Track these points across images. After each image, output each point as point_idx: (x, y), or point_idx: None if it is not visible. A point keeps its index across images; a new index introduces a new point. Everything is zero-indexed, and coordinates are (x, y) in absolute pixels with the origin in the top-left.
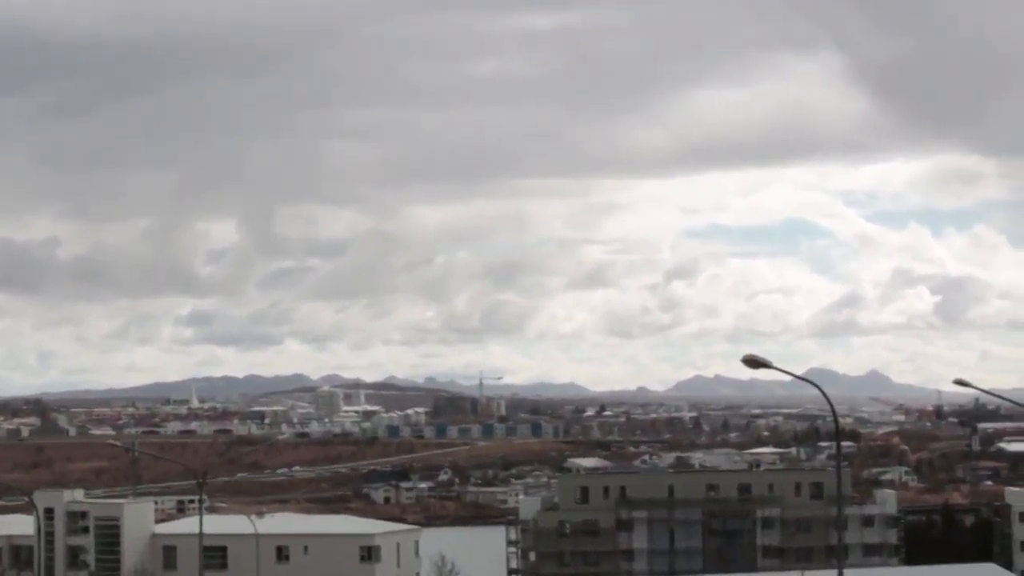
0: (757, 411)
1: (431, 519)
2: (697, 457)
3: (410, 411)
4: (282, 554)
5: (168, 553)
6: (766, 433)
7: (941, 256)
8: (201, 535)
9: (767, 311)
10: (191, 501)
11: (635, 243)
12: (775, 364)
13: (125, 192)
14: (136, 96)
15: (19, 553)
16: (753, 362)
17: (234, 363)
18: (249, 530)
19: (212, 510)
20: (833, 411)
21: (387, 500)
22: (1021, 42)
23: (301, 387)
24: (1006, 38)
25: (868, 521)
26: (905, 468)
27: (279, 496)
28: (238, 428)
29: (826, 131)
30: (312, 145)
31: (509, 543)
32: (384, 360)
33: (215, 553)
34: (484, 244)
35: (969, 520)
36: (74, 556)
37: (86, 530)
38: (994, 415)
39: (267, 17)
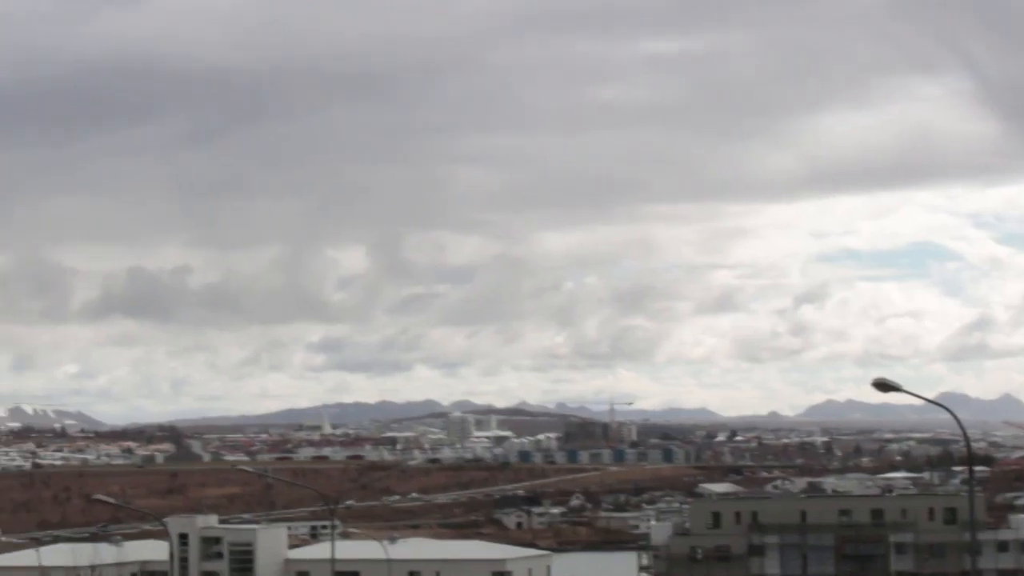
0: (889, 436)
1: (563, 544)
2: (829, 482)
3: (541, 436)
4: None
5: None
6: (898, 458)
7: None
8: (333, 560)
9: (897, 335)
10: (324, 526)
11: (763, 267)
12: (906, 388)
13: (255, 219)
14: (265, 124)
15: None
16: (883, 386)
17: (365, 389)
18: (381, 555)
19: (344, 535)
20: (965, 435)
21: (519, 525)
22: None
23: (432, 413)
24: None
25: (1003, 547)
26: None
27: (411, 521)
28: (370, 454)
29: (954, 153)
30: (440, 171)
31: (641, 568)
32: (514, 385)
33: None
34: (612, 269)
35: None
36: None
37: (220, 555)
38: None
39: (394, 44)
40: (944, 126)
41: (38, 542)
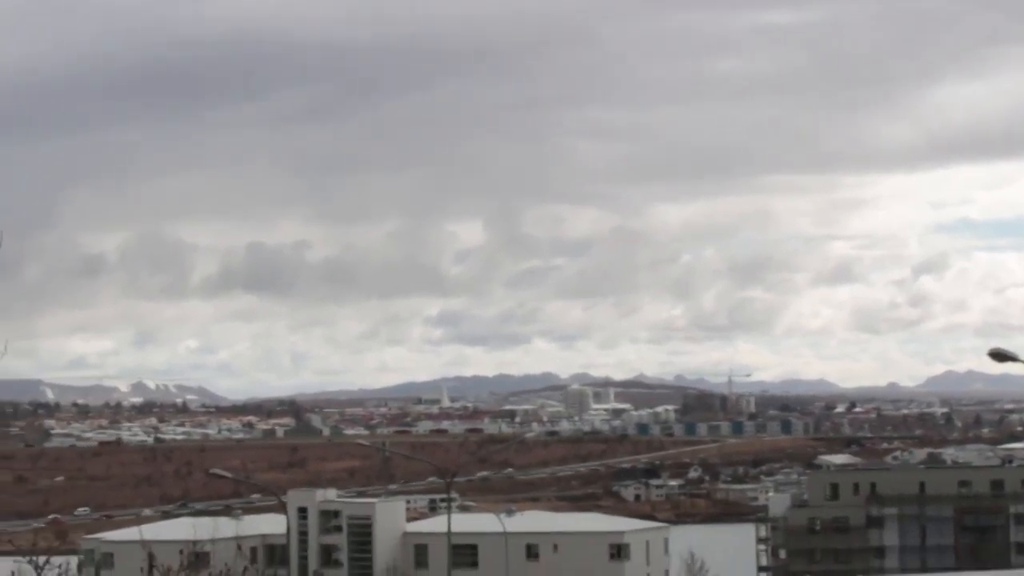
0: (1010, 406)
1: (681, 516)
2: (949, 453)
3: (659, 409)
4: (532, 552)
5: (419, 551)
6: (1020, 428)
7: None
8: (449, 533)
9: (1017, 305)
10: (442, 500)
11: (881, 238)
12: (1023, 358)
13: (373, 194)
14: (382, 98)
15: (274, 552)
16: (1000, 355)
17: (483, 362)
18: (499, 528)
19: (463, 508)
20: None
21: (637, 498)
22: None
23: (550, 386)
24: None
25: None
26: None
27: (530, 494)
28: (488, 427)
29: None
30: (556, 144)
31: (759, 540)
32: (632, 358)
33: (465, 551)
34: (729, 241)
35: None
36: (328, 555)
37: (339, 529)
38: None
39: (510, 17)
40: None
41: (167, 515)
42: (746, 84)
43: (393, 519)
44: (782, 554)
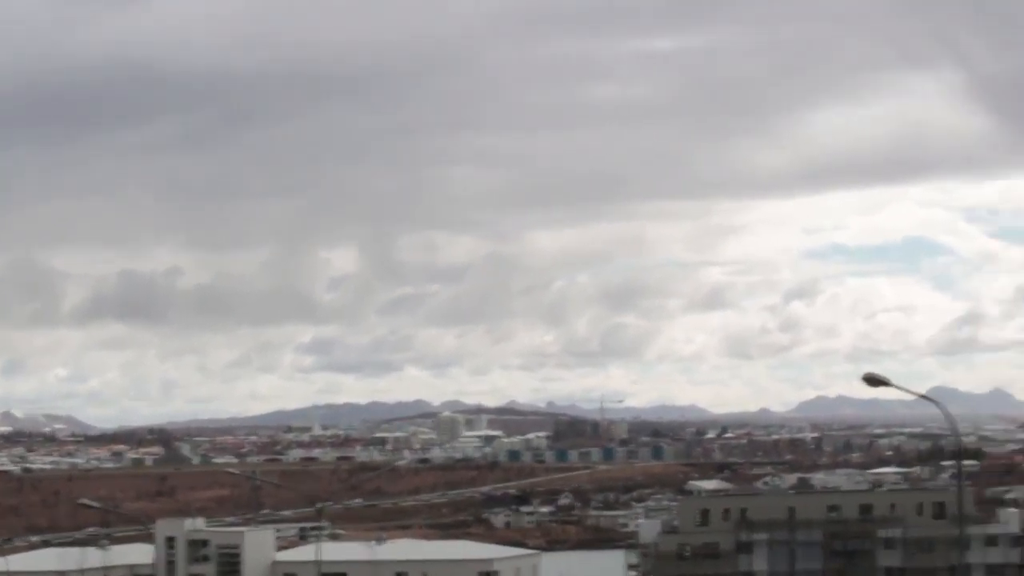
0: (880, 431)
1: (552, 543)
2: (819, 478)
3: (531, 435)
4: None
5: None
6: (889, 453)
7: None
8: (319, 562)
9: (888, 330)
10: (313, 528)
11: (754, 264)
12: (895, 383)
13: (247, 221)
14: (257, 125)
15: None
16: (873, 380)
17: (356, 390)
18: (369, 557)
19: (333, 537)
20: (955, 430)
21: (508, 525)
22: None
23: (422, 413)
24: None
25: (991, 541)
26: None
27: (400, 522)
28: (360, 454)
29: (946, 148)
30: (432, 171)
31: (629, 567)
32: (504, 385)
33: None
34: (603, 267)
35: None
36: None
37: (207, 558)
38: None
39: (386, 45)
40: (937, 121)
41: (30, 546)
42: (623, 111)
43: (262, 548)
44: None
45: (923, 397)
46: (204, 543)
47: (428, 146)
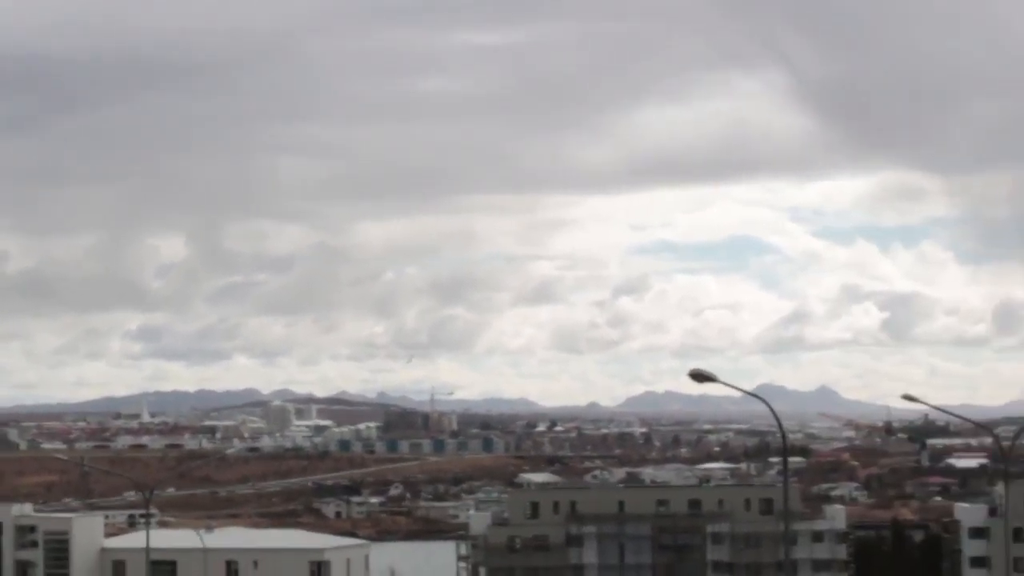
0: (708, 427)
1: (382, 534)
2: (648, 472)
3: (361, 426)
4: (231, 568)
5: (117, 567)
6: (717, 449)
7: (888, 272)
8: (148, 549)
9: (715, 327)
10: (142, 515)
11: (583, 259)
12: (721, 379)
13: (74, 206)
14: (84, 110)
15: None
16: (700, 376)
17: (184, 378)
18: (198, 545)
19: (162, 524)
20: (780, 427)
21: (338, 515)
22: (962, 61)
23: (252, 402)
24: (947, 57)
25: (817, 537)
26: (855, 484)
27: (230, 510)
28: (189, 442)
29: (772, 148)
30: (260, 160)
31: (459, 558)
32: (334, 375)
33: (164, 567)
34: (432, 260)
35: (918, 536)
36: (23, 570)
37: (35, 544)
38: (943, 431)
39: (215, 32)
40: (762, 121)
41: None
42: (452, 104)
43: (91, 535)
44: (482, 572)
45: (750, 394)
46: (32, 529)
47: (257, 135)
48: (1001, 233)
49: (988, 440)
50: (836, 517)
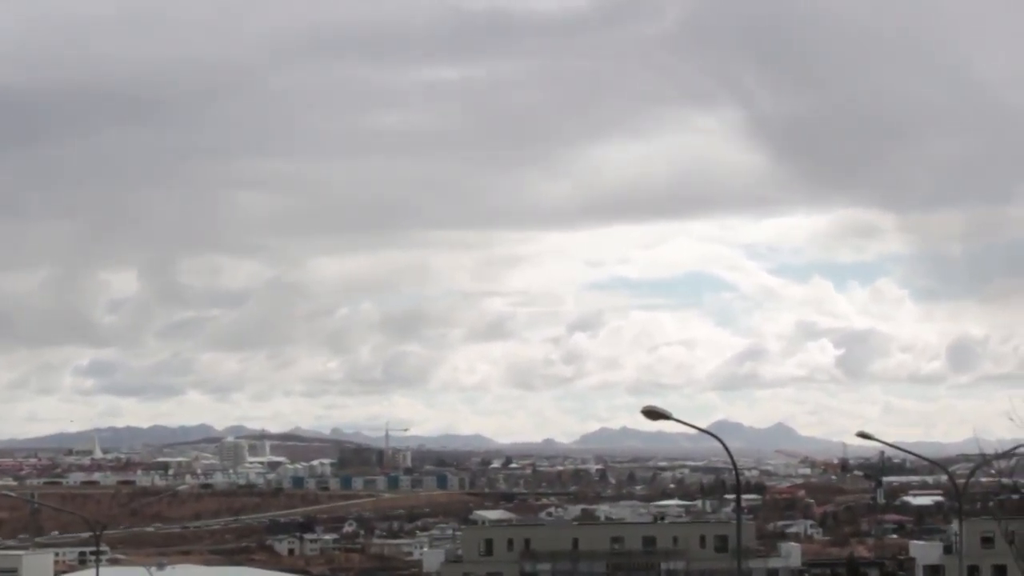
0: (663, 463)
1: (335, 571)
2: (603, 509)
3: (315, 462)
4: None
5: None
6: (672, 485)
7: (844, 309)
8: None
9: (670, 363)
10: (92, 553)
11: (538, 295)
12: (677, 416)
13: (24, 242)
14: (40, 145)
15: None
16: (653, 414)
17: (137, 413)
18: None
19: (113, 562)
20: (734, 464)
21: (291, 552)
22: (916, 96)
23: (205, 438)
24: (905, 95)
25: (773, 574)
26: (810, 521)
27: (182, 547)
28: (141, 479)
29: (727, 185)
30: (215, 195)
31: None
32: (288, 411)
33: None
34: (387, 296)
35: (873, 573)
36: None
37: None
38: (899, 468)
39: (169, 67)
40: (718, 158)
41: None
42: (409, 139)
43: (40, 572)
44: None
45: (704, 431)
46: None
47: (212, 170)
48: (956, 271)
49: (944, 478)
50: (791, 554)
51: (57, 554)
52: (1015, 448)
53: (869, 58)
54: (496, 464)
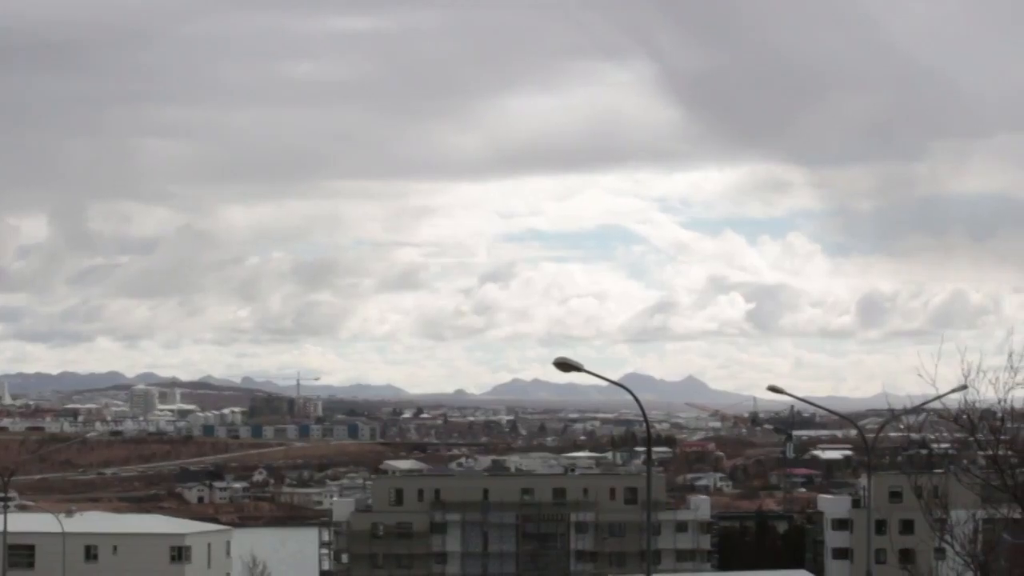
0: (574, 415)
1: (245, 519)
2: (513, 460)
3: (226, 411)
4: (90, 553)
5: None
6: (583, 437)
7: (755, 264)
8: (5, 533)
9: (581, 315)
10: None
11: (449, 246)
12: (587, 368)
13: None
14: None
15: None
16: (565, 365)
17: (46, 360)
18: (57, 529)
19: (21, 508)
20: (644, 416)
21: (200, 500)
22: (827, 54)
23: (116, 385)
24: (816, 51)
25: (681, 527)
26: (720, 474)
27: (91, 494)
28: (51, 425)
29: (640, 139)
30: (125, 142)
31: (322, 544)
32: (199, 359)
33: (22, 552)
34: (298, 245)
35: (782, 527)
36: None
37: None
38: (809, 422)
39: (79, 13)
40: (630, 112)
41: None
42: (320, 89)
43: None
44: (344, 558)
45: (615, 383)
46: None
47: (121, 117)
48: (867, 227)
49: (853, 432)
50: (700, 507)
51: None
52: (923, 403)
53: (783, 15)
54: (407, 414)
